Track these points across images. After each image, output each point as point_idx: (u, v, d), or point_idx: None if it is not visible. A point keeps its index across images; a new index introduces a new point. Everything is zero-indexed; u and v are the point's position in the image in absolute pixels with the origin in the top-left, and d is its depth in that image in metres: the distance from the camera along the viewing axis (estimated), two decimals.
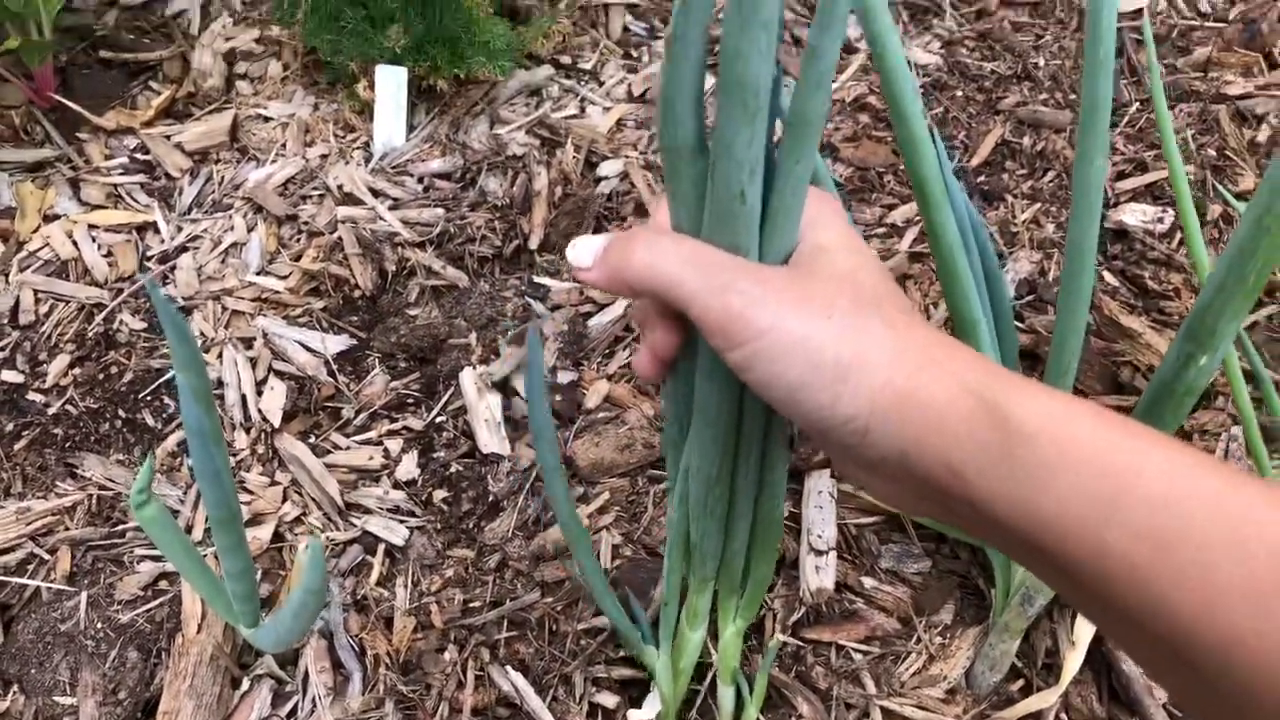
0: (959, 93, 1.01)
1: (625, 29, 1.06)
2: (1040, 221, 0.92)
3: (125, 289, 0.85)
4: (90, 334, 0.82)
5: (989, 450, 0.34)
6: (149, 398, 0.80)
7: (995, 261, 0.64)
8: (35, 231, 0.88)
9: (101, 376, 0.80)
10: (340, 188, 0.90)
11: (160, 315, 0.45)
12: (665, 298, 0.38)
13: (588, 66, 1.02)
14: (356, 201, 0.90)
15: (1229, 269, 0.51)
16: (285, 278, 0.86)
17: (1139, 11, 1.14)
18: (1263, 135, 0.99)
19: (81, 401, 0.79)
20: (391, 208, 0.90)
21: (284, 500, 0.74)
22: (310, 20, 0.94)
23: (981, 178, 0.96)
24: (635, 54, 1.04)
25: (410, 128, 0.95)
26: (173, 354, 0.45)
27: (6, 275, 0.86)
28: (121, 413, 0.78)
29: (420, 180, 0.93)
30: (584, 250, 0.41)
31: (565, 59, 1.03)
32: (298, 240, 0.88)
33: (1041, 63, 1.04)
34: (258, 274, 0.86)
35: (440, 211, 0.90)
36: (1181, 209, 0.63)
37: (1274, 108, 1.01)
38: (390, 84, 0.92)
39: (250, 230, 0.88)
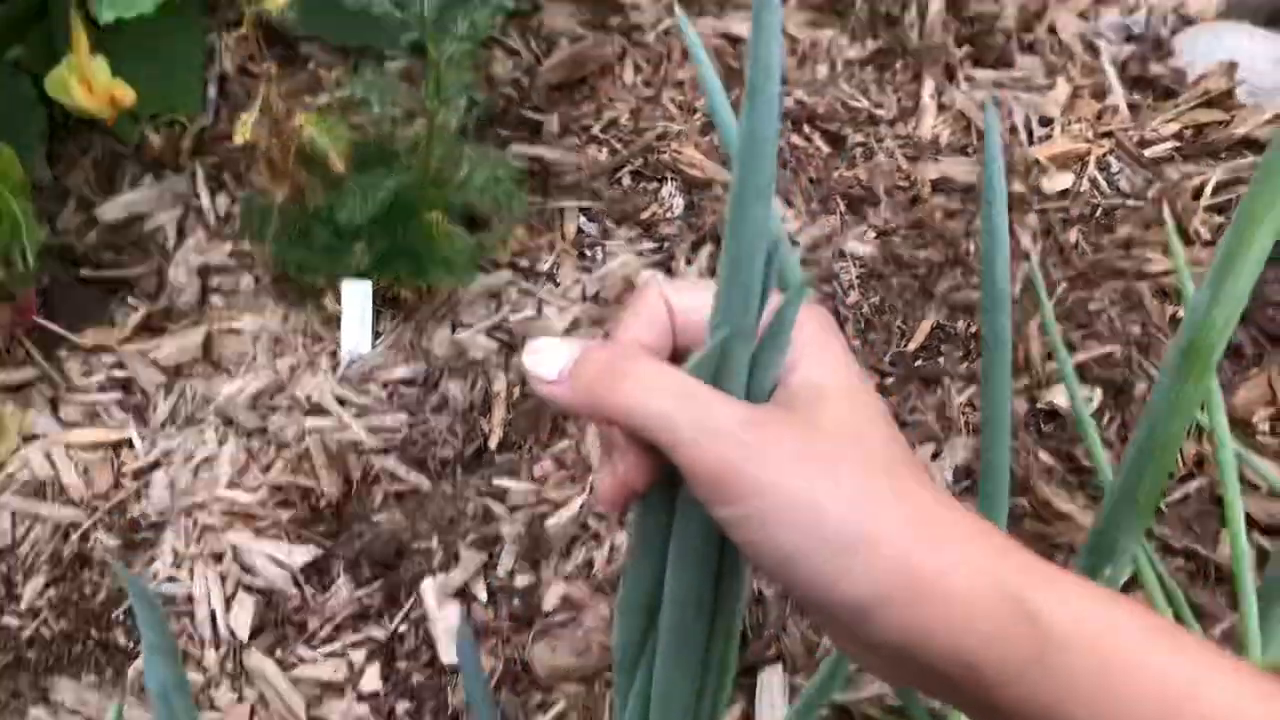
0: (895, 281, 1.07)
1: (579, 230, 1.12)
2: (975, 404, 0.96)
3: (100, 507, 0.88)
4: (66, 554, 0.85)
5: (1014, 652, 0.31)
6: (122, 616, 0.82)
7: None
8: (14, 453, 0.92)
9: (76, 597, 0.83)
10: (308, 398, 0.95)
11: (134, 600, 0.49)
12: (648, 437, 0.34)
13: (544, 268, 1.08)
14: (323, 411, 0.94)
15: (1121, 490, 0.56)
16: (254, 490, 0.89)
17: (1065, 192, 1.21)
18: (1184, 312, 1.05)
19: (55, 623, 0.82)
20: (357, 415, 0.94)
21: (251, 717, 0.76)
22: (280, 239, 0.99)
23: (919, 362, 1.01)
24: (589, 253, 1.10)
25: (375, 335, 1.00)
26: (143, 637, 0.49)
27: None
28: (94, 633, 0.81)
29: (385, 386, 0.97)
30: (548, 359, 0.36)
31: (523, 262, 1.09)
32: (266, 452, 0.92)
33: (972, 248, 1.10)
34: (227, 488, 0.89)
35: (404, 416, 0.94)
36: (1080, 425, 0.68)
37: (1192, 285, 1.07)
38: (356, 297, 0.98)
39: (221, 444, 0.92)
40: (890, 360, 1.01)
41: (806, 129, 1.27)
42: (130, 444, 0.92)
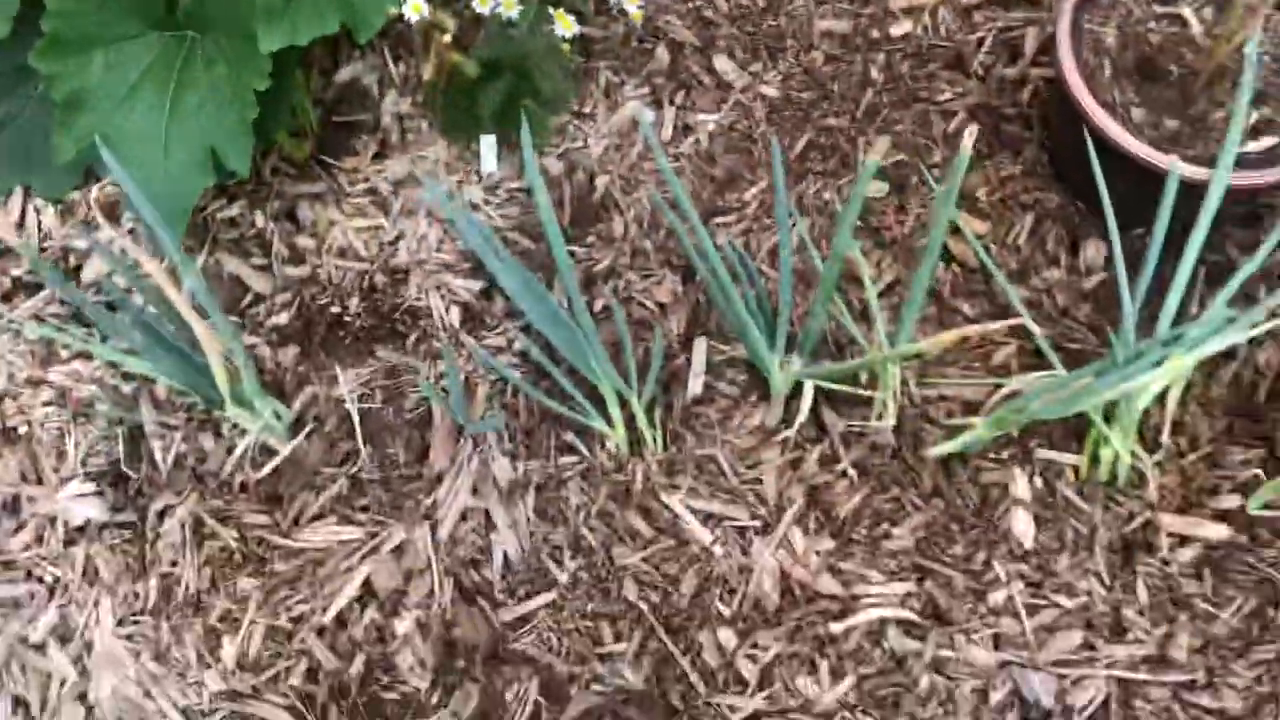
0: (786, 111, 1.85)
1: (608, 82, 1.89)
2: (827, 194, 1.76)
3: (375, 261, 1.73)
4: (364, 285, 1.71)
5: None
6: (405, 318, 1.69)
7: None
8: (329, 230, 1.75)
9: (375, 306, 1.70)
10: (468, 199, 1.76)
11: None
12: None
13: (587, 111, 1.86)
14: (475, 206, 1.76)
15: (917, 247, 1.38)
16: (449, 251, 1.73)
17: (906, 36, 1.94)
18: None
19: (367, 319, 1.68)
20: (494, 207, 1.76)
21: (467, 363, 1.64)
22: (443, 111, 1.77)
23: (795, 165, 1.80)
24: (613, 97, 1.88)
25: (498, 161, 1.80)
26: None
27: None
28: (388, 325, 1.68)
29: (507, 191, 1.78)
30: None
31: (576, 108, 1.86)
32: (452, 231, 1.75)
33: (837, 88, 1.87)
34: (436, 251, 1.74)
35: (518, 208, 1.76)
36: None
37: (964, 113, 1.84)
38: (488, 143, 1.77)
39: (429, 226, 1.75)
40: (783, 163, 1.80)
41: None
42: (381, 227, 1.76)
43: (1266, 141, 1.56)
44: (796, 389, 1.58)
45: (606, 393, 1.56)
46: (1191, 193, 1.50)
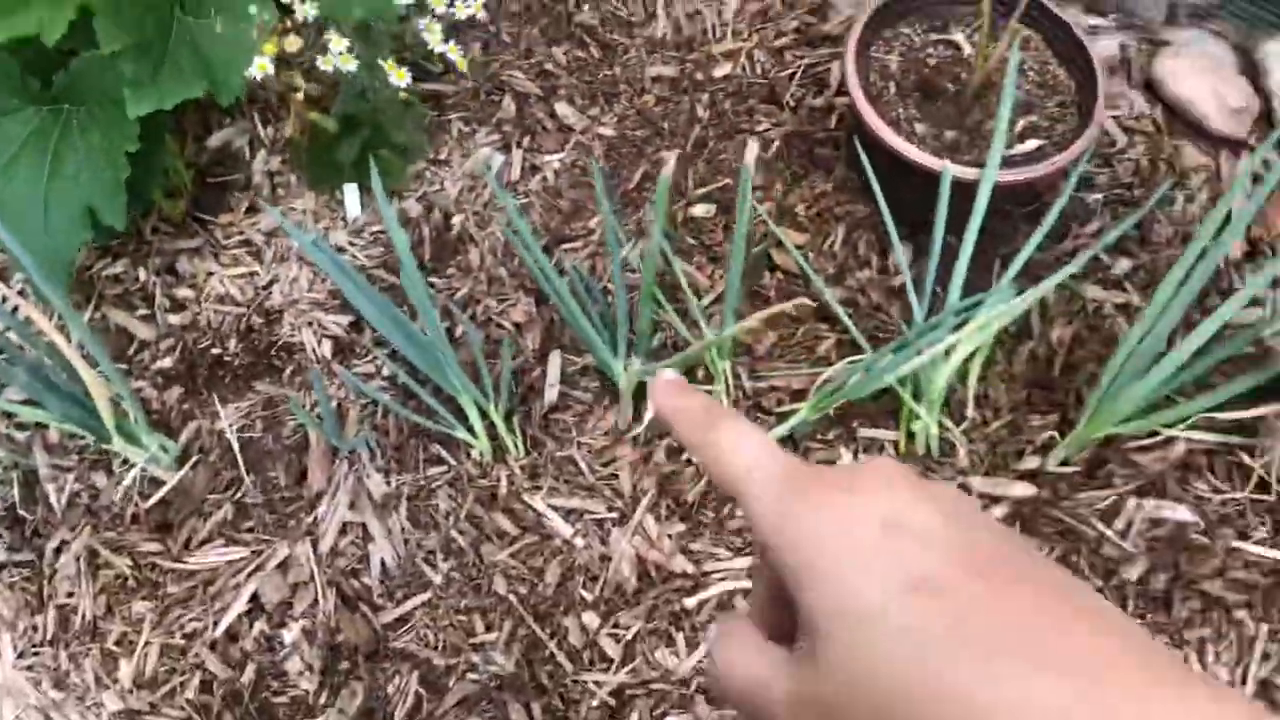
0: (623, 149, 2.04)
1: (459, 131, 2.07)
2: None
3: (251, 305, 1.88)
4: (241, 328, 1.86)
5: None
6: (281, 354, 1.83)
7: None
8: (207, 280, 1.90)
9: (251, 345, 1.83)
10: (335, 243, 1.92)
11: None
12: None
13: (442, 157, 2.04)
14: (343, 249, 1.92)
15: (736, 253, 1.57)
16: (320, 291, 1.89)
17: (727, 76, 2.16)
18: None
19: (244, 356, 1.82)
20: (360, 249, 1.92)
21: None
22: (308, 164, 1.94)
23: (633, 195, 2.00)
24: (466, 145, 2.06)
25: (362, 207, 1.97)
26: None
27: None
28: (265, 360, 1.82)
29: (370, 234, 1.95)
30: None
31: (431, 155, 2.04)
32: (321, 274, 1.91)
33: (667, 126, 2.07)
34: (307, 291, 1.89)
35: (381, 248, 1.92)
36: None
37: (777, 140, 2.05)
38: (351, 190, 1.94)
39: (300, 270, 1.91)
40: (620, 195, 2.00)
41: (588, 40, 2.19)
42: (256, 273, 1.91)
43: (1032, 144, 1.78)
44: (642, 390, 1.75)
45: (467, 406, 1.71)
46: (969, 192, 1.70)
